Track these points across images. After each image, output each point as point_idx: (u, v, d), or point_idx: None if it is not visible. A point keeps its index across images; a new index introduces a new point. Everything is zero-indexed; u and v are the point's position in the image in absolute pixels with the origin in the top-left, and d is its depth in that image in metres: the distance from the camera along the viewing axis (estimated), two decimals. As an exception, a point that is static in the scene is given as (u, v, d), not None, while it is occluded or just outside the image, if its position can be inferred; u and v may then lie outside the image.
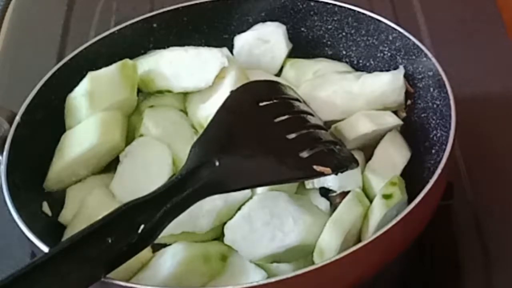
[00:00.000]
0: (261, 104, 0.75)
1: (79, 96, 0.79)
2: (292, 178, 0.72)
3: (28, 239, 0.68)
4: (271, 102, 0.76)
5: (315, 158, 0.72)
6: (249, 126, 0.74)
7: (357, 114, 0.80)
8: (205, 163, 0.69)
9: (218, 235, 0.74)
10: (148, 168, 0.77)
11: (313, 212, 0.73)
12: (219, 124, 0.73)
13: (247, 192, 0.74)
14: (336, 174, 0.72)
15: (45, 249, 0.67)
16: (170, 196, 0.67)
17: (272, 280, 0.63)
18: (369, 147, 0.79)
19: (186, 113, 0.83)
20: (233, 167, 0.69)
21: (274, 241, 0.70)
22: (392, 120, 0.80)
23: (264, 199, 0.73)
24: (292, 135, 0.73)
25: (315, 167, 0.71)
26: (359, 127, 0.79)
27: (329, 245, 0.69)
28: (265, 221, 0.71)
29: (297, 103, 0.78)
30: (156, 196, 0.66)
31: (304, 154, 0.72)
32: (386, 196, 0.73)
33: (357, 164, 0.74)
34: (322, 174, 0.71)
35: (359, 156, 0.77)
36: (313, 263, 0.69)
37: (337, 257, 0.64)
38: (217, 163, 0.69)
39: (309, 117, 0.77)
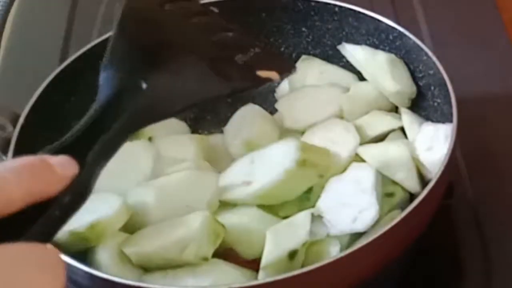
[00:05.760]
0: (166, 7, 0.62)
1: None
2: (236, 89, 0.61)
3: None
4: (176, 2, 0.63)
5: (254, 62, 0.62)
6: (164, 34, 0.60)
7: (375, 112, 0.80)
8: (128, 88, 0.54)
9: None
10: None
11: None
12: (128, 39, 0.58)
13: None
14: (282, 78, 0.65)
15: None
16: (93, 137, 0.51)
17: (271, 279, 0.64)
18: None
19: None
20: (165, 87, 0.56)
21: None
22: (408, 118, 0.80)
23: None
24: (216, 37, 0.62)
25: (259, 73, 0.61)
26: (383, 123, 0.79)
27: None
28: None
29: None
30: (75, 141, 0.51)
31: (240, 59, 0.61)
32: (388, 195, 0.73)
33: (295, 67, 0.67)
34: (269, 80, 0.62)
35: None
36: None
37: (337, 257, 0.64)
38: (143, 85, 0.54)
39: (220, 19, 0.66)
